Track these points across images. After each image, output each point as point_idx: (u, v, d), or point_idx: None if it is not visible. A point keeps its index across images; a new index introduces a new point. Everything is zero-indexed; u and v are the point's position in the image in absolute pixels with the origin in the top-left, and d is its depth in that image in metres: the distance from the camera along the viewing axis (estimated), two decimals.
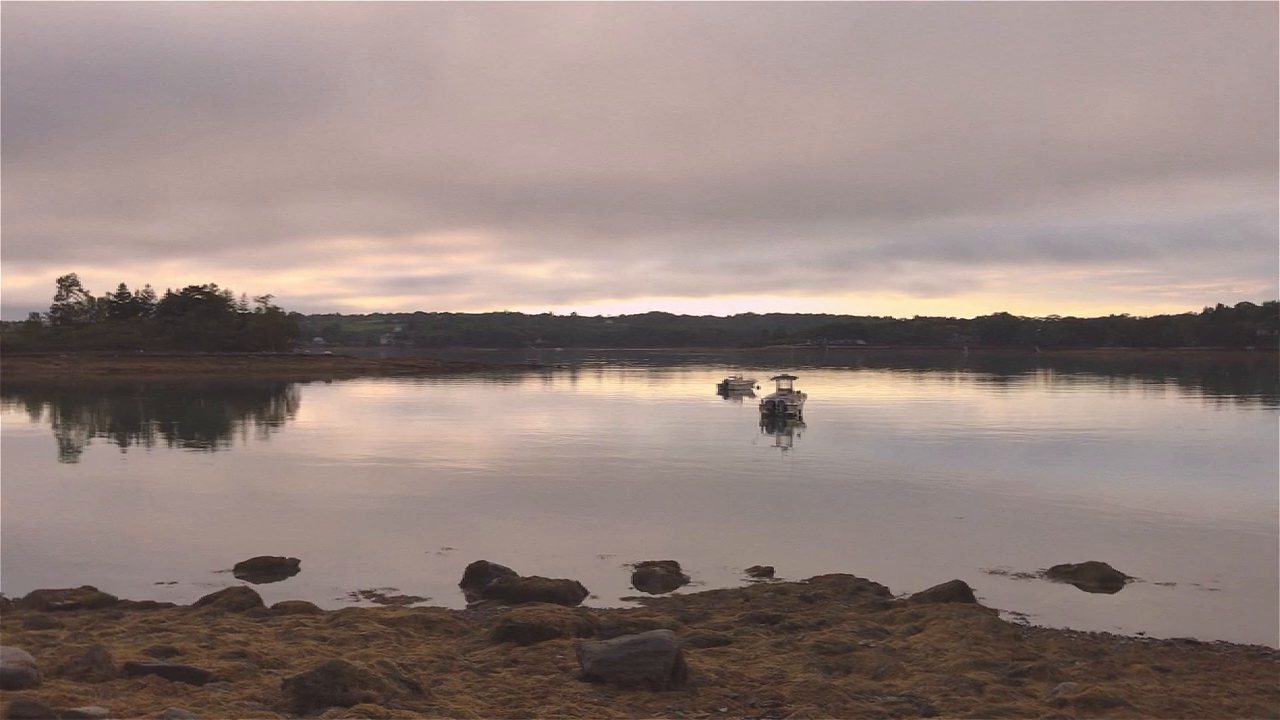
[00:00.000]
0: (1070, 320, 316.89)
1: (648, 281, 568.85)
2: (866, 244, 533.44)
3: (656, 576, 18.72)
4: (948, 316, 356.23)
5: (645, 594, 17.76)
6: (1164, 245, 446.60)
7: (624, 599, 17.25)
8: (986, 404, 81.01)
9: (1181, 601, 17.46)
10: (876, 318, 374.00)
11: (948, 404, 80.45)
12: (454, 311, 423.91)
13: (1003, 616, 15.40)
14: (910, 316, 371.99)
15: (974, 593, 16.80)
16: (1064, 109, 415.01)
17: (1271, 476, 34.36)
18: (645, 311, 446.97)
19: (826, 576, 17.93)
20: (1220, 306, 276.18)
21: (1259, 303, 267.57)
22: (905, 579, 17.85)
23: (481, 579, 17.94)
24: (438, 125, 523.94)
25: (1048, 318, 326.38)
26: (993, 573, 19.17)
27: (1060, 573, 19.10)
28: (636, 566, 19.34)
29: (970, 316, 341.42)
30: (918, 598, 16.41)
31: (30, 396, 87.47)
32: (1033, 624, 15.44)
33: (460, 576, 18.29)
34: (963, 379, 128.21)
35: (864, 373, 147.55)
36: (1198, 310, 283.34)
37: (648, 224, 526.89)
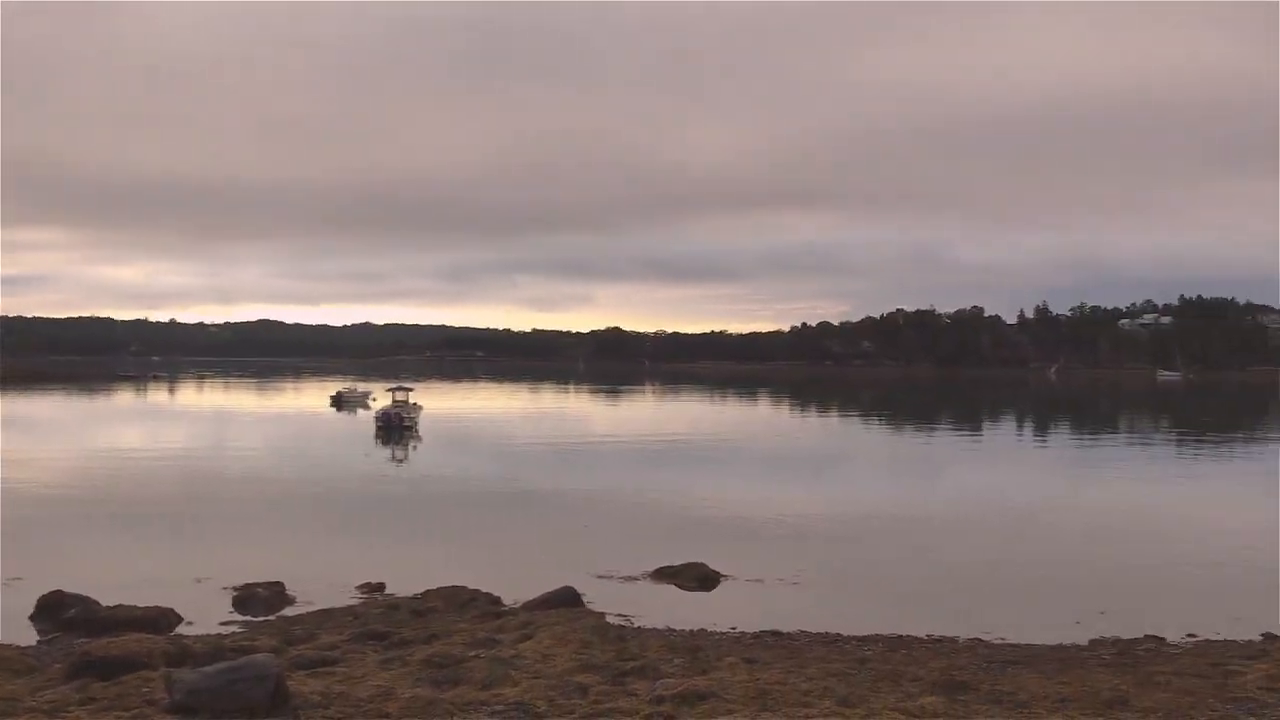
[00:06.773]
0: (676, 335, 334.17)
1: (256, 289, 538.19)
2: (484, 258, 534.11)
3: (259, 599, 17.72)
4: (564, 330, 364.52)
5: (248, 617, 16.75)
6: (758, 269, 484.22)
7: (223, 624, 16.18)
8: (599, 414, 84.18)
9: (769, 596, 18.91)
10: (495, 330, 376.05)
11: (562, 415, 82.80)
12: (29, 315, 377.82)
13: (609, 619, 15.92)
14: (528, 329, 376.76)
15: (583, 597, 17.30)
16: (667, 143, 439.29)
17: (848, 479, 38.56)
18: (254, 319, 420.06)
19: (439, 590, 17.74)
20: (804, 325, 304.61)
21: (836, 323, 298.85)
22: (518, 588, 18.00)
23: (57, 611, 16.17)
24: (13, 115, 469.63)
25: (656, 332, 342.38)
26: (601, 577, 19.81)
27: (663, 574, 20.11)
28: (237, 589, 18.18)
29: (585, 330, 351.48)
30: (528, 606, 16.63)
31: None
32: (637, 625, 16.05)
33: (31, 609, 16.40)
34: (578, 390, 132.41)
35: (483, 384, 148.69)
36: (785, 328, 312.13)
37: (255, 229, 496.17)
